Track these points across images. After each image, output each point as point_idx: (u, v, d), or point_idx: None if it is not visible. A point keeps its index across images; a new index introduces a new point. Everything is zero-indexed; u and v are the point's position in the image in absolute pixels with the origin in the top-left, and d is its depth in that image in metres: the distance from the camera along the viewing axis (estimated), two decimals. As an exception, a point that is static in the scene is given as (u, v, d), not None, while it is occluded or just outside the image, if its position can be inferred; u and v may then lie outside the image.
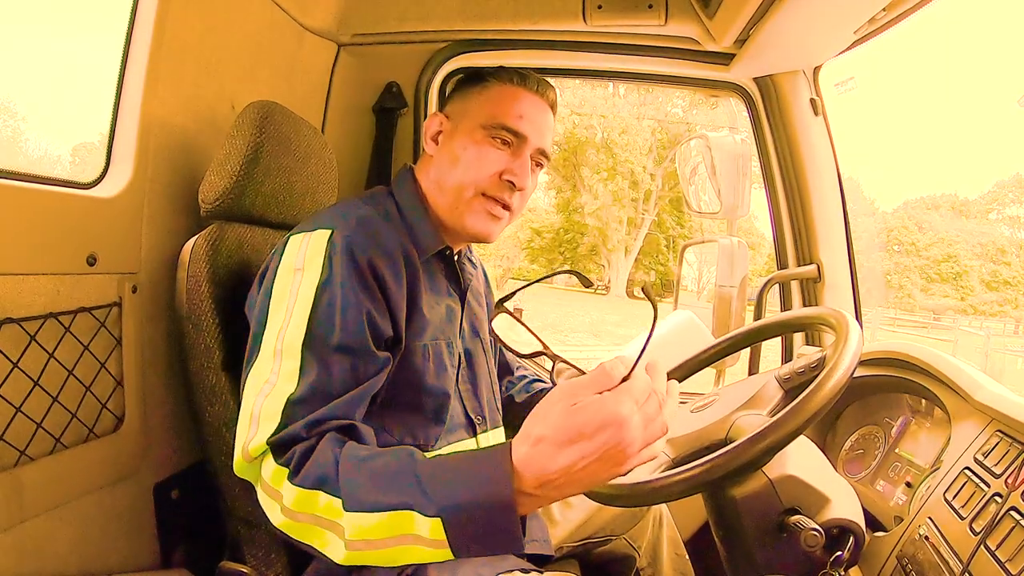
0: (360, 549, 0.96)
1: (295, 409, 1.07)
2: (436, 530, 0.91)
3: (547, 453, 0.88)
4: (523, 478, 0.89)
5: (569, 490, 0.91)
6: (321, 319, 1.13)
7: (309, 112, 2.05)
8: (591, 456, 0.86)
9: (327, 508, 0.98)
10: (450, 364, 1.39)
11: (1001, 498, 1.07)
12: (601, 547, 1.73)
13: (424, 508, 0.91)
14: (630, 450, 0.87)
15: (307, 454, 1.02)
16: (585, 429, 0.86)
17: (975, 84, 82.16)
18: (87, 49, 40.25)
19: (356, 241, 1.19)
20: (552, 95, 1.44)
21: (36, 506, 1.18)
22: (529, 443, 0.90)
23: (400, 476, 0.96)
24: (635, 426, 0.87)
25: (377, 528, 0.94)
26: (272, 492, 1.03)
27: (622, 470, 0.89)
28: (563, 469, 0.87)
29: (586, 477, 0.88)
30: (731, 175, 2.18)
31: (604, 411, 0.86)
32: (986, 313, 37.86)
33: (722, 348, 1.57)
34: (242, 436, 1.08)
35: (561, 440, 0.87)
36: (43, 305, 1.18)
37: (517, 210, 1.41)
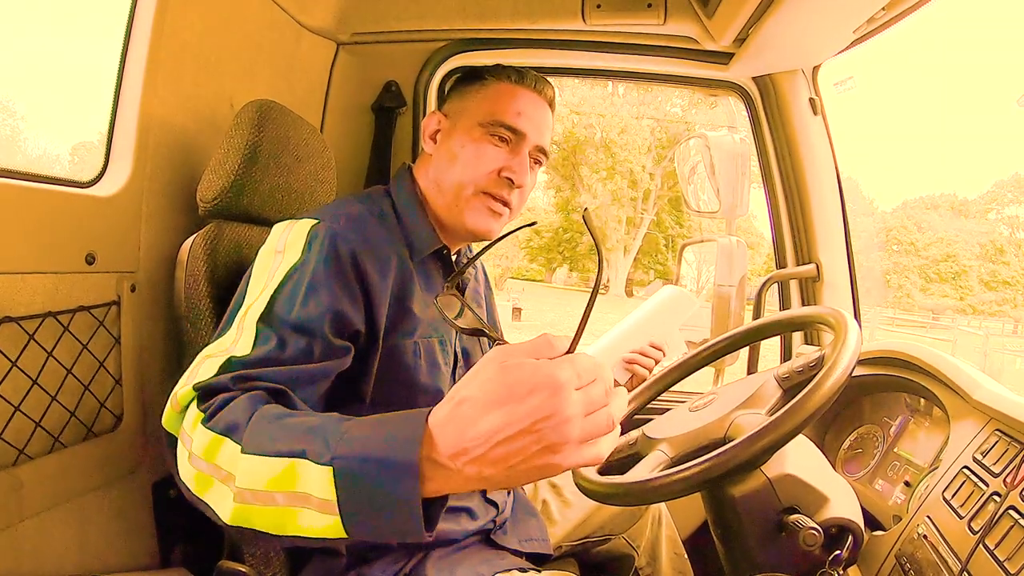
0: (247, 502, 0.84)
1: (232, 365, 1.02)
2: (326, 485, 0.78)
3: (467, 415, 0.76)
4: (436, 443, 0.77)
5: (490, 469, 0.76)
6: (284, 297, 1.11)
7: (308, 111, 2.05)
8: (518, 424, 0.73)
9: (227, 457, 0.88)
10: (443, 362, 1.39)
11: (1000, 497, 1.07)
12: (600, 546, 1.73)
13: (318, 455, 0.80)
14: (566, 430, 0.74)
15: (226, 402, 0.95)
16: (516, 389, 0.74)
17: (974, 84, 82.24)
18: (86, 48, 40.23)
19: (342, 234, 1.19)
20: (550, 92, 1.44)
21: (35, 505, 1.18)
22: (451, 404, 0.78)
23: (310, 428, 0.85)
24: (573, 402, 0.74)
25: (266, 477, 0.83)
26: (187, 440, 0.95)
27: (557, 461, 0.75)
28: (484, 436, 0.74)
29: (512, 455, 0.75)
30: (730, 174, 2.18)
31: (539, 372, 0.74)
32: (985, 313, 37.94)
33: (721, 347, 1.56)
34: (176, 388, 1.01)
35: (485, 401, 0.75)
36: (42, 304, 1.18)
37: (516, 208, 1.41)
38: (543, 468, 0.76)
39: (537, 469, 0.76)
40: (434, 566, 1.29)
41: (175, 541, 1.51)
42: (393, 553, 1.30)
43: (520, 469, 0.76)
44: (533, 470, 0.76)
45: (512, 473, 0.76)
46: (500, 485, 0.79)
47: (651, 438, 1.31)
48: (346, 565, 1.28)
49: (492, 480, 0.77)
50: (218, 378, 0.99)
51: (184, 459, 0.94)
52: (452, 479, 0.78)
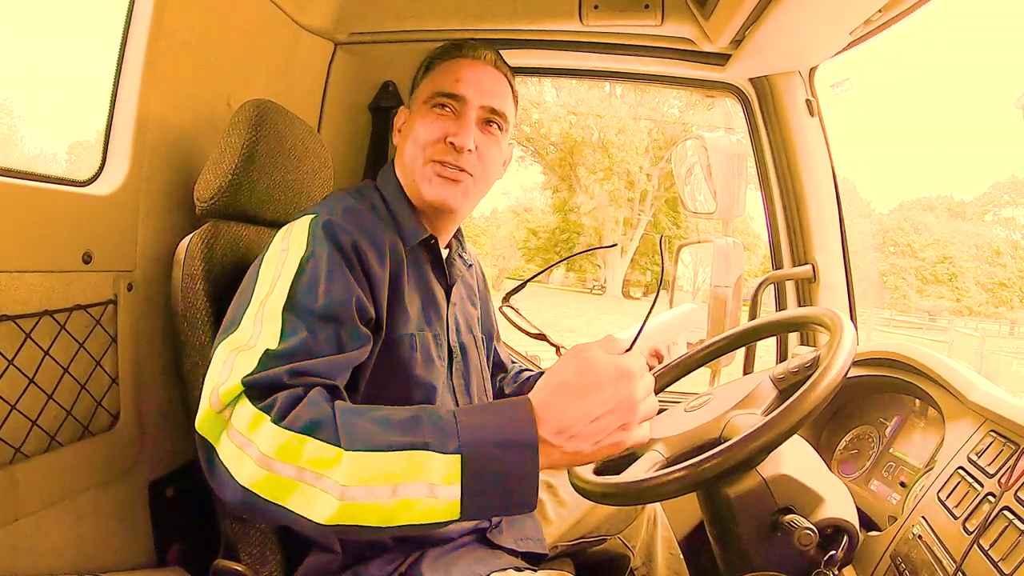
0: (357, 500, 0.87)
1: (275, 360, 0.99)
2: (451, 472, 0.87)
3: (566, 399, 0.93)
4: (543, 423, 0.92)
5: (583, 444, 0.93)
6: (304, 286, 1.10)
7: (305, 110, 2.05)
8: (606, 405, 0.92)
9: (316, 458, 0.89)
10: (437, 356, 1.39)
11: (994, 498, 1.07)
12: (595, 547, 1.73)
13: (443, 445, 0.89)
14: (637, 411, 0.94)
15: (295, 400, 0.94)
16: (605, 377, 0.93)
17: (971, 85, 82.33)
18: (84, 46, 40.17)
19: (340, 225, 1.19)
20: (491, 56, 1.44)
21: (31, 503, 1.18)
22: (548, 391, 0.94)
23: (412, 420, 0.92)
24: (641, 389, 0.95)
25: (384, 471, 0.87)
26: (243, 442, 0.92)
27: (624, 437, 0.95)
28: (582, 416, 0.92)
29: (599, 431, 0.93)
30: (727, 175, 2.18)
31: (620, 364, 0.94)
32: (981, 314, 37.93)
33: (717, 347, 1.57)
34: (210, 385, 0.98)
35: (580, 386, 0.93)
36: (38, 302, 1.18)
37: (479, 175, 1.41)
38: (616, 444, 0.95)
39: (613, 445, 0.95)
40: (429, 565, 1.29)
41: (171, 540, 1.50)
42: (389, 552, 1.30)
43: (603, 444, 0.94)
44: (611, 446, 0.95)
45: (596, 448, 0.94)
46: (586, 459, 0.96)
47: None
48: (342, 563, 1.28)
49: (581, 455, 0.94)
50: (268, 372, 0.97)
51: (244, 462, 0.91)
52: (554, 454, 0.93)
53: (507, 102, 1.45)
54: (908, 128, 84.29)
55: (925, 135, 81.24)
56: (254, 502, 0.91)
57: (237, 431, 0.93)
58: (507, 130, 1.46)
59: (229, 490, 0.93)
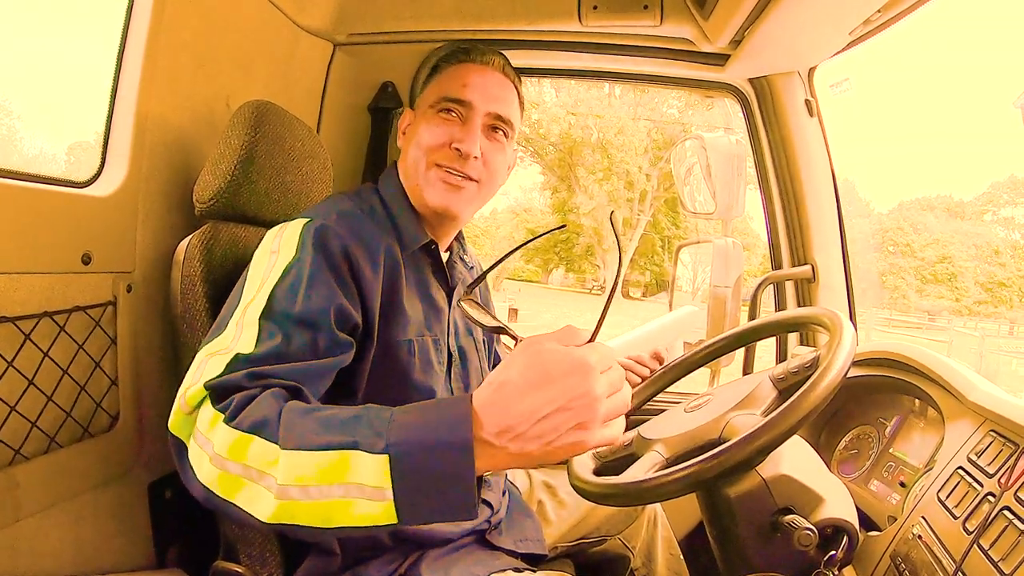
0: (292, 498, 0.85)
1: (240, 364, 1.00)
2: (381, 473, 0.83)
3: (510, 396, 0.84)
4: (483, 423, 0.84)
5: (530, 445, 0.84)
6: (283, 292, 1.11)
7: (305, 111, 2.05)
8: (556, 402, 0.82)
9: (259, 455, 0.88)
10: (437, 361, 1.39)
11: (994, 498, 1.07)
12: (595, 547, 1.73)
13: (371, 445, 0.84)
14: (595, 408, 0.84)
15: (248, 400, 0.94)
16: (552, 371, 0.83)
17: (971, 85, 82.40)
18: (83, 47, 40.18)
19: (333, 230, 1.19)
20: (499, 61, 1.44)
21: (30, 505, 1.18)
22: (491, 388, 0.86)
23: (352, 420, 0.89)
24: (600, 383, 0.84)
25: (315, 470, 0.85)
26: (203, 442, 0.94)
27: (584, 438, 0.85)
28: (526, 415, 0.83)
29: (549, 431, 0.83)
30: (726, 176, 2.18)
31: (572, 357, 0.84)
32: (981, 314, 37.96)
33: (717, 348, 1.57)
34: (183, 388, 1.01)
35: (526, 382, 0.84)
36: (38, 304, 1.18)
37: (484, 181, 1.41)
38: (574, 445, 0.85)
39: (569, 446, 0.85)
40: (429, 566, 1.29)
41: (171, 541, 1.50)
42: (388, 553, 1.30)
43: (555, 445, 0.85)
44: (566, 447, 0.85)
45: (548, 449, 0.85)
46: (536, 462, 0.87)
47: (646, 439, 1.31)
48: (341, 565, 1.28)
49: (531, 456, 0.85)
50: (230, 376, 0.98)
51: (203, 461, 0.93)
52: (497, 456, 0.85)
53: (513, 108, 1.45)
54: (907, 128, 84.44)
55: (924, 135, 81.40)
56: (212, 499, 0.92)
57: (199, 431, 0.96)
58: (512, 136, 1.46)
59: (196, 487, 0.95)
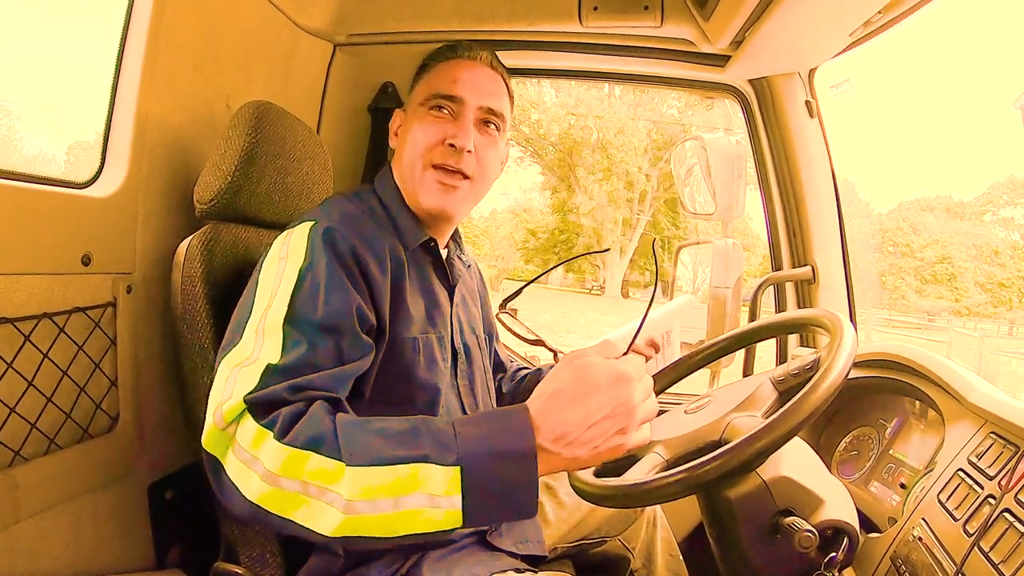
0: (360, 513, 0.90)
1: (276, 375, 1.01)
2: (452, 484, 0.90)
3: (562, 405, 0.94)
4: (540, 431, 0.93)
5: (580, 450, 0.94)
6: (304, 298, 1.11)
7: (305, 112, 2.05)
8: (603, 410, 0.93)
9: (319, 471, 0.91)
10: (441, 358, 1.39)
11: (995, 500, 1.07)
12: (595, 548, 1.73)
13: (442, 458, 0.91)
14: (635, 414, 0.96)
15: (297, 415, 0.96)
16: (600, 382, 0.94)
17: (971, 86, 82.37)
18: (83, 47, 40.18)
19: (338, 231, 1.20)
20: (486, 56, 1.45)
21: (30, 506, 1.18)
22: (544, 398, 0.96)
23: (411, 432, 0.94)
24: (639, 391, 0.97)
25: (386, 484, 0.90)
26: (248, 459, 0.95)
27: (623, 441, 0.96)
28: (578, 422, 0.93)
29: (597, 436, 0.94)
30: (726, 176, 2.18)
31: (615, 368, 0.95)
32: (980, 314, 37.94)
33: (717, 349, 1.57)
34: (214, 402, 1.00)
35: (575, 392, 0.94)
36: (37, 305, 1.18)
37: (478, 176, 1.40)
38: (615, 448, 0.97)
39: (611, 449, 0.96)
40: (430, 567, 1.29)
41: (171, 543, 1.50)
42: (390, 554, 1.30)
43: (601, 449, 0.95)
44: (609, 450, 0.96)
45: (595, 453, 0.95)
46: (584, 464, 0.98)
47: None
48: (343, 566, 1.28)
49: (580, 460, 0.96)
50: (270, 389, 0.99)
51: (249, 478, 0.94)
52: (553, 461, 0.94)
53: (504, 102, 1.45)
54: (907, 129, 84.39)
55: (924, 136, 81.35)
56: (262, 516, 0.94)
57: (242, 447, 0.96)
58: (504, 130, 1.46)
59: (237, 504, 0.96)
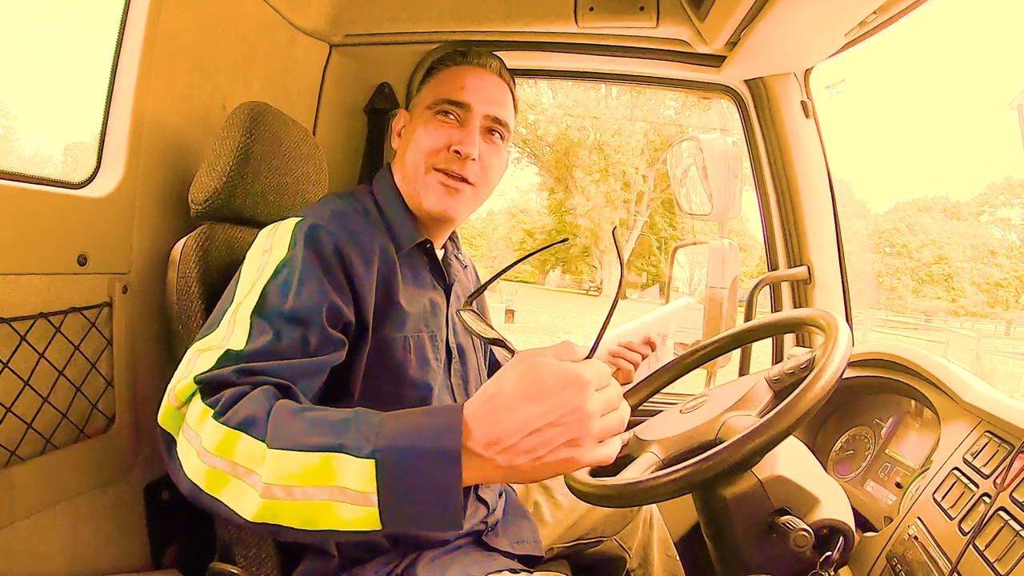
0: (276, 498, 0.85)
1: (232, 359, 1.00)
2: (366, 478, 0.82)
3: (502, 407, 0.83)
4: (472, 433, 0.83)
5: (520, 458, 0.83)
6: (275, 290, 1.11)
7: (301, 112, 2.05)
8: (548, 416, 0.81)
9: (247, 453, 0.88)
10: (433, 357, 1.39)
11: (990, 498, 1.07)
12: (592, 548, 1.73)
13: (357, 449, 0.83)
14: (588, 425, 0.82)
15: (238, 397, 0.94)
16: (546, 384, 0.82)
17: (967, 86, 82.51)
18: (81, 48, 40.13)
19: (325, 228, 1.20)
20: (496, 64, 1.45)
21: (27, 507, 1.18)
22: (484, 397, 0.85)
23: (342, 422, 0.88)
24: (595, 400, 0.83)
25: (300, 471, 0.84)
26: (191, 435, 0.93)
27: (576, 455, 0.84)
28: (517, 427, 0.81)
29: (539, 445, 0.82)
30: (722, 177, 2.18)
31: (568, 371, 0.83)
32: (977, 314, 38.01)
33: (713, 349, 1.57)
34: (172, 383, 1.00)
35: (518, 394, 0.83)
36: (33, 305, 1.18)
37: (480, 184, 1.41)
38: (565, 462, 0.84)
39: (559, 463, 0.84)
40: (425, 568, 1.29)
41: (167, 543, 1.50)
42: (385, 554, 1.30)
43: (545, 461, 0.83)
44: (556, 463, 0.84)
45: (538, 464, 0.83)
46: (526, 476, 0.86)
47: (642, 439, 1.32)
48: (338, 566, 1.28)
49: (519, 470, 0.84)
50: (220, 371, 0.98)
51: (191, 456, 0.92)
52: (485, 468, 0.84)
53: (509, 111, 1.45)
54: (904, 129, 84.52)
55: (921, 136, 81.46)
56: (198, 495, 0.92)
57: (188, 425, 0.95)
58: (508, 139, 1.47)
59: (182, 483, 0.94)
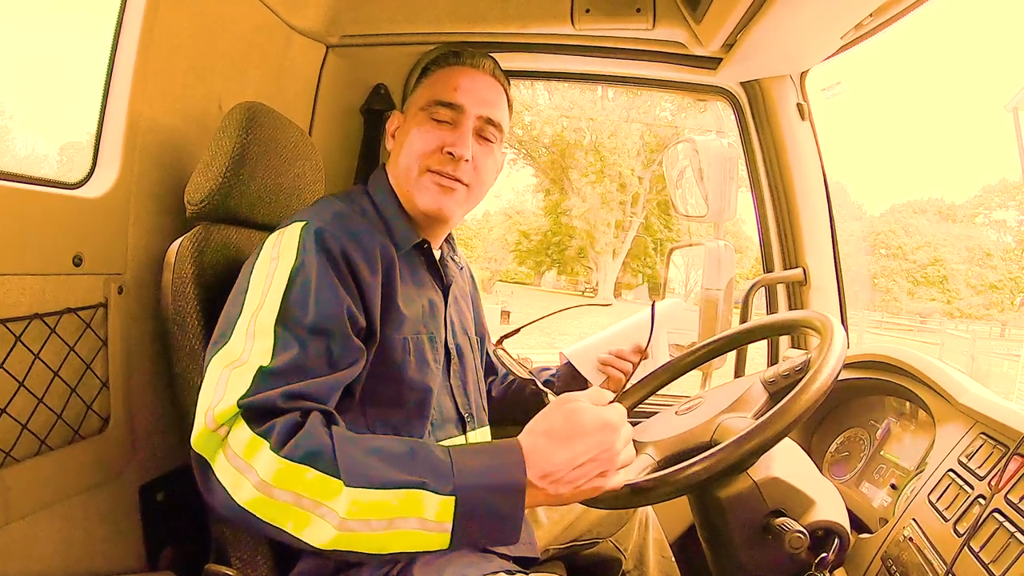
0: (354, 530, 0.93)
1: (268, 379, 1.02)
2: (445, 511, 0.94)
3: (552, 446, 1.01)
4: (531, 467, 0.99)
5: (564, 488, 1.01)
6: (295, 300, 1.11)
7: (297, 113, 2.05)
8: (588, 453, 1.01)
9: (316, 486, 0.93)
10: (432, 359, 1.39)
11: (985, 500, 1.08)
12: (587, 550, 1.73)
13: (439, 487, 0.95)
14: (615, 459, 1.03)
15: (294, 427, 0.98)
16: (588, 427, 1.02)
17: (962, 89, 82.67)
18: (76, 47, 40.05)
19: (329, 231, 1.20)
20: (490, 65, 1.46)
21: (21, 508, 1.17)
22: (536, 436, 1.03)
23: (408, 455, 0.99)
24: (621, 439, 1.04)
25: (382, 506, 0.94)
26: (241, 465, 0.96)
27: (603, 482, 1.04)
28: (565, 462, 1.00)
29: (580, 476, 1.01)
30: (718, 179, 2.18)
31: (603, 416, 1.04)
32: (972, 316, 38.06)
33: (708, 351, 1.57)
34: (205, 403, 1.01)
35: (566, 434, 1.01)
36: (28, 305, 1.18)
37: (474, 185, 1.42)
38: (595, 488, 1.04)
39: (592, 489, 1.04)
40: (421, 569, 1.28)
41: (162, 544, 1.50)
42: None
43: (582, 488, 1.03)
44: (589, 490, 1.04)
45: (576, 491, 1.03)
46: (564, 501, 1.05)
47: (638, 441, 1.32)
48: (333, 568, 1.27)
49: (562, 497, 1.03)
50: (264, 395, 1.00)
51: (243, 485, 0.96)
52: (537, 496, 1.01)
53: (503, 111, 1.45)
54: (899, 131, 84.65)
55: (916, 138, 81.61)
56: (250, 520, 0.96)
57: (235, 454, 0.97)
58: (502, 140, 1.47)
59: (225, 506, 0.97)
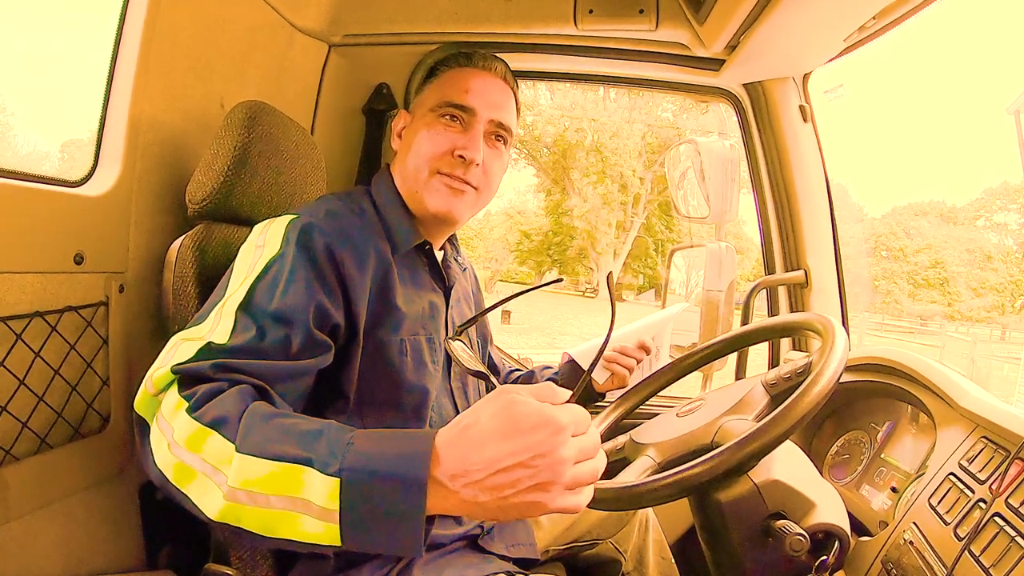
0: (239, 501, 0.84)
1: (211, 352, 1.01)
2: (331, 495, 0.81)
3: (473, 441, 0.81)
4: (441, 463, 0.81)
5: (484, 495, 0.80)
6: (264, 287, 1.11)
7: (299, 112, 2.05)
8: (518, 456, 0.79)
9: (215, 451, 0.88)
10: (431, 360, 1.38)
11: (985, 504, 1.08)
12: (587, 551, 1.73)
13: (325, 466, 0.82)
14: (559, 470, 0.79)
15: (213, 393, 0.94)
16: (520, 423, 0.80)
17: (964, 91, 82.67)
18: (78, 46, 40.09)
19: (317, 227, 1.19)
20: (501, 68, 1.45)
21: (21, 506, 1.17)
22: (457, 428, 0.83)
23: (313, 434, 0.87)
24: (569, 445, 0.80)
25: (266, 479, 0.84)
26: (164, 427, 0.93)
27: (544, 500, 0.81)
28: (486, 463, 0.79)
29: (505, 485, 0.79)
30: (720, 180, 2.19)
31: (543, 412, 0.80)
32: (973, 319, 38.05)
33: (709, 352, 1.57)
34: (151, 370, 1.00)
35: (490, 430, 0.81)
36: (29, 304, 1.18)
37: (483, 188, 1.42)
38: (531, 505, 0.81)
39: (525, 505, 0.81)
40: (421, 571, 1.28)
41: (162, 543, 1.50)
42: (380, 557, 1.30)
43: (510, 502, 0.80)
44: (522, 505, 0.81)
45: (502, 504, 0.80)
46: (488, 515, 0.83)
47: (639, 443, 1.32)
48: (333, 568, 1.27)
49: (482, 507, 0.81)
50: (198, 363, 0.98)
51: (162, 446, 0.93)
52: (448, 499, 0.81)
53: (512, 115, 1.45)
54: (901, 134, 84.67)
55: (918, 141, 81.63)
56: (166, 486, 0.93)
57: (163, 415, 0.95)
58: (510, 143, 1.47)
59: (151, 471, 0.95)
